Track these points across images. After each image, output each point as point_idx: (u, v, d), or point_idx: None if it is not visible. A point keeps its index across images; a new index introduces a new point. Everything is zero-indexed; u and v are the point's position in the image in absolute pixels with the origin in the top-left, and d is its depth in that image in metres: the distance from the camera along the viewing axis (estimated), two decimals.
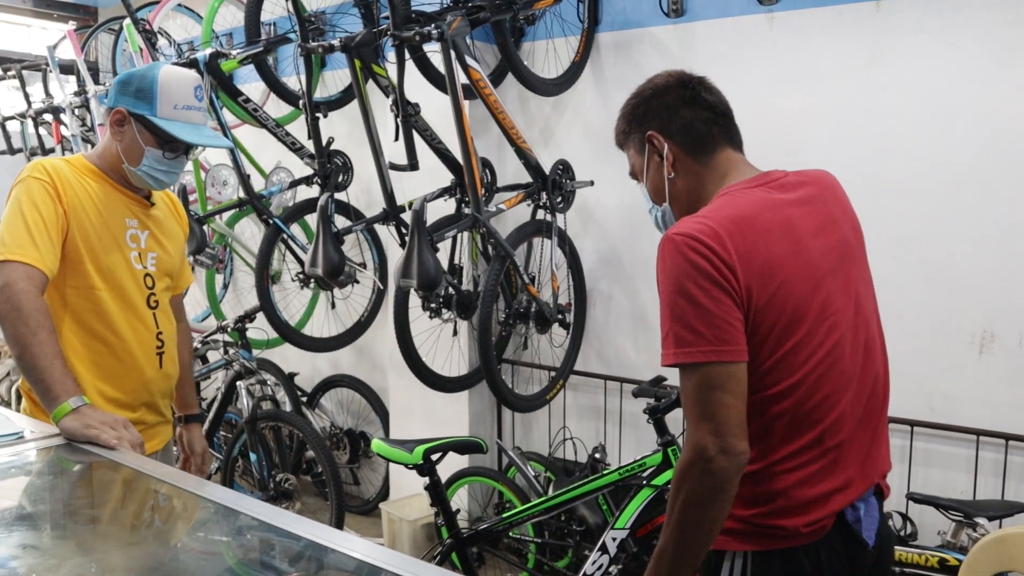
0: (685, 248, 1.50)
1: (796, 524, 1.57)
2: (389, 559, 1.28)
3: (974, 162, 3.02)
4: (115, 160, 2.22)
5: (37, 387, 1.95)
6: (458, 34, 3.16)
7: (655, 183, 1.75)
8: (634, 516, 2.73)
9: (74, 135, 4.92)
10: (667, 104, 1.73)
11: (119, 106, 2.17)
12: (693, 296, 1.48)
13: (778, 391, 1.55)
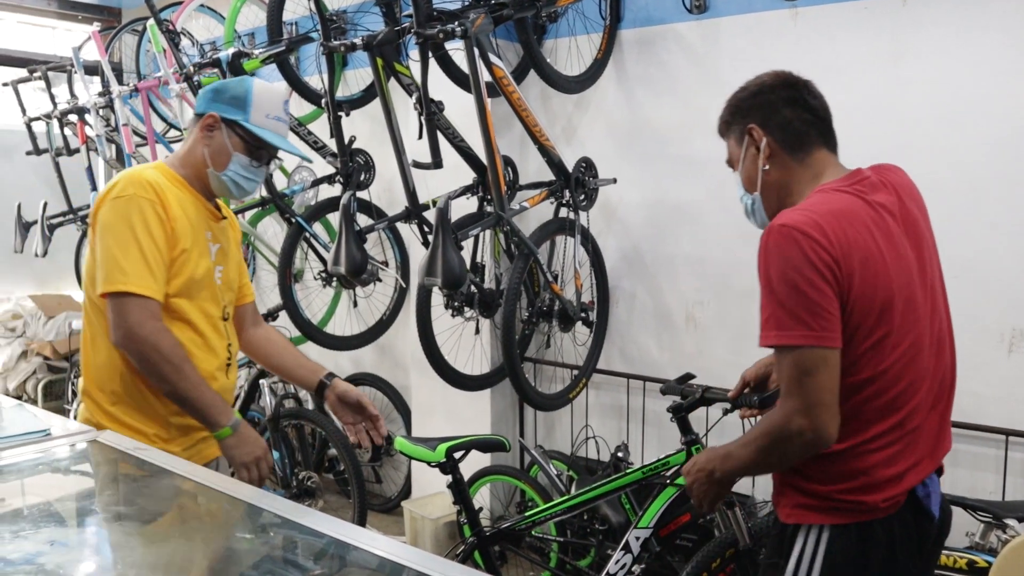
0: (791, 238, 1.63)
1: (876, 500, 1.70)
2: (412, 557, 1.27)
3: (1000, 158, 2.98)
4: (200, 166, 2.23)
5: (194, 415, 2.09)
6: (481, 31, 3.15)
7: (749, 173, 1.87)
8: (657, 515, 2.71)
9: (99, 135, 4.95)
10: (770, 101, 1.87)
11: (211, 111, 2.20)
12: (796, 284, 1.62)
13: (868, 376, 1.68)
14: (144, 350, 2.01)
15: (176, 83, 4.19)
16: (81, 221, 5.55)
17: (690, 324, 3.80)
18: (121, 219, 2.05)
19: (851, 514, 1.72)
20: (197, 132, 2.23)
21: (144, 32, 4.99)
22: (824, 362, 1.62)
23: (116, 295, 2.02)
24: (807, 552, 1.75)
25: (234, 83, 2.24)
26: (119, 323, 2.02)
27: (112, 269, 2.03)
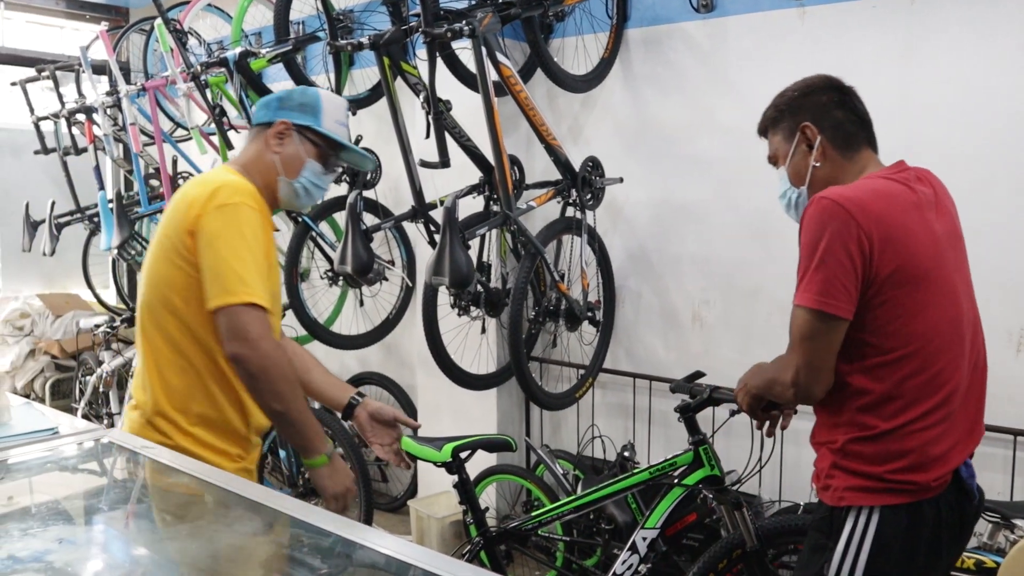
0: (829, 210, 1.75)
1: (927, 479, 1.77)
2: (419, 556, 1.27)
3: (1009, 158, 2.97)
4: (270, 174, 2.17)
5: (296, 439, 2.05)
6: (489, 31, 3.15)
7: (798, 168, 1.98)
8: (664, 515, 2.71)
9: (106, 135, 4.96)
10: (822, 102, 1.98)
11: (281, 119, 2.16)
12: (822, 252, 1.74)
13: (905, 353, 1.76)
14: (266, 366, 1.92)
15: (183, 82, 4.19)
16: (88, 220, 5.56)
17: (696, 323, 3.80)
18: (231, 228, 1.97)
19: (903, 495, 1.78)
20: (265, 140, 2.17)
21: (151, 31, 4.99)
22: (828, 329, 1.75)
23: (236, 307, 1.92)
24: (856, 533, 1.80)
25: (298, 92, 2.22)
26: (240, 336, 1.91)
27: (231, 279, 1.93)
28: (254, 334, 1.91)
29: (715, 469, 2.67)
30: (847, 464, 1.82)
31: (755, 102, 3.52)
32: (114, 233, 4.70)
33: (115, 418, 5.24)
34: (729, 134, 3.62)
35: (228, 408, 2.09)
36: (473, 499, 2.86)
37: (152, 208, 4.87)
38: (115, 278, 6.08)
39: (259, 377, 1.93)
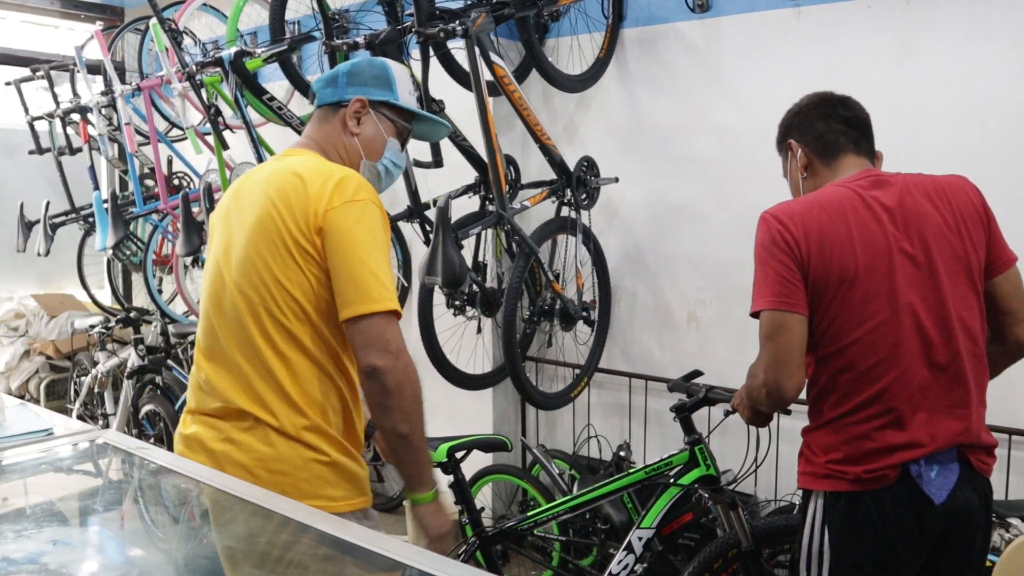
0: (765, 222, 1.97)
1: (857, 471, 1.88)
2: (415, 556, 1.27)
3: (1005, 156, 2.98)
4: (353, 158, 2.00)
5: (410, 468, 1.86)
6: (483, 30, 3.15)
7: (794, 181, 2.14)
8: (660, 515, 2.71)
9: (101, 134, 4.95)
10: (807, 117, 2.11)
11: (356, 95, 1.97)
12: (764, 259, 1.93)
13: (837, 349, 1.89)
14: (403, 381, 1.76)
15: (179, 82, 4.18)
16: (83, 220, 5.55)
17: (692, 323, 3.80)
18: (364, 227, 1.79)
19: (840, 482, 1.91)
20: (341, 121, 1.98)
21: (146, 31, 4.99)
22: (784, 323, 1.88)
23: (379, 315, 1.75)
24: (817, 515, 1.96)
25: (364, 63, 2.01)
26: (383, 347, 1.74)
27: (374, 285, 1.75)
28: (394, 346, 1.76)
29: (711, 469, 2.67)
30: (804, 451, 2.02)
31: (750, 102, 3.56)
32: (109, 233, 4.69)
33: (110, 419, 5.23)
34: (725, 134, 3.63)
35: (357, 421, 1.95)
36: (469, 499, 2.86)
37: (147, 208, 4.86)
38: (110, 278, 6.06)
39: (394, 393, 1.76)
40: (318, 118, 2.02)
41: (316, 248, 1.79)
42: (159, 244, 5.34)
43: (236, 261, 1.87)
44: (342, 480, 1.87)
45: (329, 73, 2.02)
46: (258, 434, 1.84)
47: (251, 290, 1.84)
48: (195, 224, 4.08)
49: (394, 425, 1.79)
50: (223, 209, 2.00)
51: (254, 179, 1.95)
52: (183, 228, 4.08)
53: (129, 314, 4.94)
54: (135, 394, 4.81)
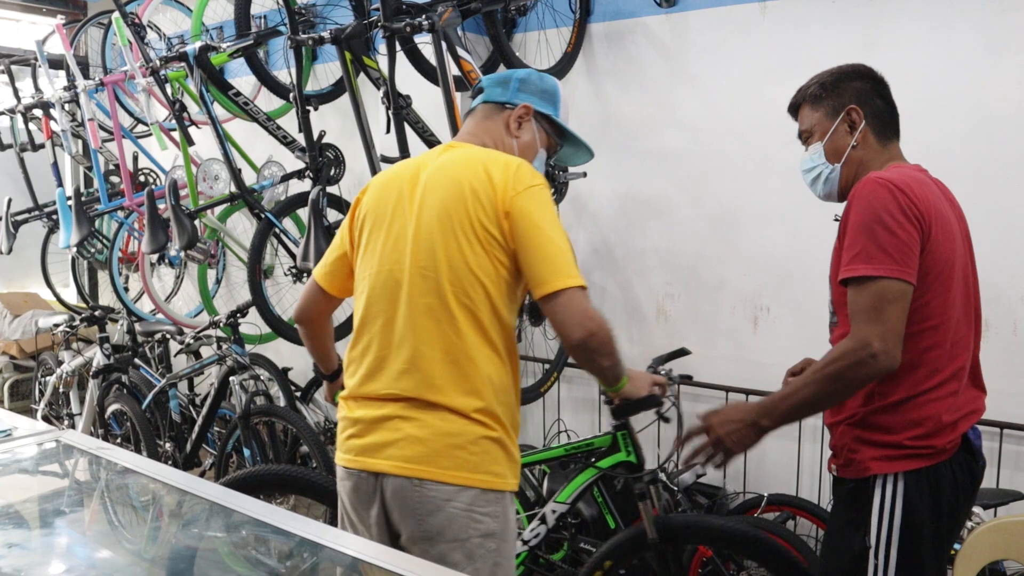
0: (887, 188, 1.86)
1: (943, 443, 1.91)
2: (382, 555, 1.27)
3: (968, 150, 3.02)
4: None
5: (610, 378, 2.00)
6: (449, 25, 3.14)
7: (836, 146, 2.08)
8: (576, 492, 2.81)
9: (64, 130, 4.88)
10: (867, 88, 2.10)
11: (524, 102, 2.10)
12: (888, 225, 1.83)
13: (932, 326, 1.89)
14: (607, 337, 1.88)
15: (143, 77, 4.13)
16: (47, 218, 5.47)
17: (660, 317, 3.82)
18: (548, 209, 1.91)
19: (922, 459, 1.90)
20: (505, 122, 2.10)
21: (109, 25, 4.92)
22: (903, 295, 1.83)
23: (575, 289, 1.84)
24: (887, 500, 1.92)
25: (536, 76, 2.15)
26: (584, 317, 1.83)
27: (565, 263, 1.86)
28: (591, 312, 1.86)
29: (631, 455, 2.71)
30: (869, 436, 1.94)
31: (717, 96, 3.58)
32: (73, 231, 4.62)
33: (76, 419, 5.16)
34: (691, 128, 3.64)
35: (516, 393, 2.02)
36: None
37: (112, 205, 4.80)
38: (75, 277, 5.98)
39: (604, 347, 1.89)
40: (481, 113, 2.13)
41: (503, 232, 1.89)
42: (125, 241, 5.28)
43: (418, 249, 1.93)
44: (506, 459, 1.95)
45: (502, 74, 2.14)
46: (437, 414, 1.90)
47: (436, 274, 1.91)
48: (161, 221, 4.04)
49: (602, 368, 1.94)
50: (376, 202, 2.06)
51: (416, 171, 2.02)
52: (149, 225, 4.03)
53: (94, 312, 4.88)
54: (101, 393, 4.75)
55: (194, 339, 4.42)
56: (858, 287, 1.84)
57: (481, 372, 1.90)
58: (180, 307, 5.43)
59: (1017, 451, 2.99)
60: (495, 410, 1.92)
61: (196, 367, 4.56)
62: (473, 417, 1.90)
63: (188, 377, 4.65)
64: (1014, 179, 2.94)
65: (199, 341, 4.47)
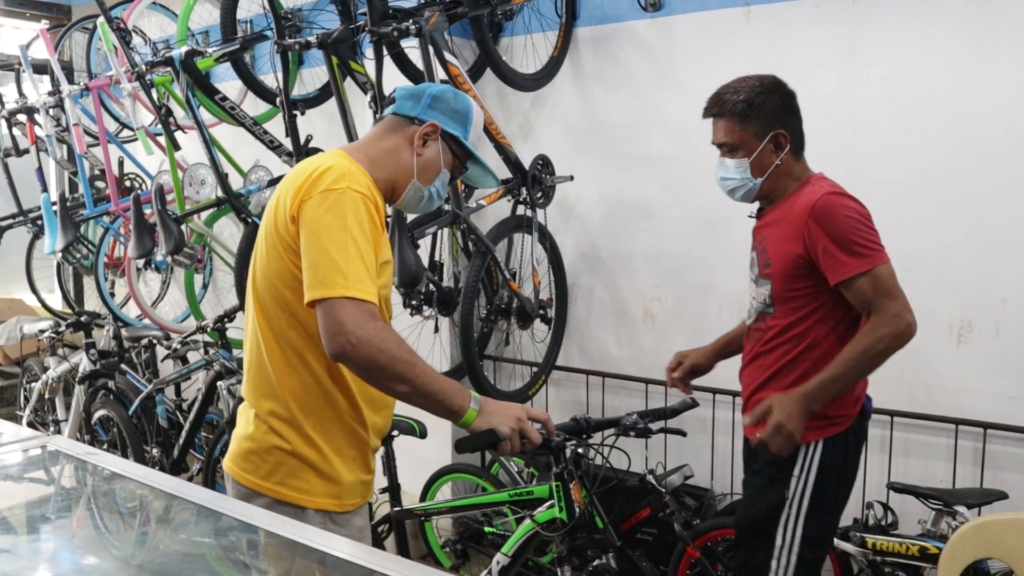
0: (850, 198, 2.23)
1: (854, 411, 2.31)
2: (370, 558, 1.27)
3: (950, 153, 3.04)
4: (402, 173, 2.01)
5: (437, 408, 1.85)
6: (436, 29, 3.15)
7: (762, 163, 2.31)
8: (516, 547, 2.60)
9: (49, 135, 4.86)
10: (791, 109, 2.34)
11: (433, 120, 2.02)
12: (867, 223, 2.20)
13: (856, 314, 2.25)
14: (371, 354, 1.73)
15: (128, 82, 4.12)
16: (32, 223, 5.44)
17: (648, 320, 3.83)
18: (335, 216, 1.79)
19: (838, 426, 2.28)
20: (407, 138, 2.02)
21: (95, 30, 4.90)
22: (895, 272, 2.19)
23: (332, 300, 1.74)
24: (807, 463, 2.27)
25: (450, 95, 2.07)
26: (336, 331, 1.73)
27: (330, 272, 1.75)
28: (350, 324, 1.72)
29: (562, 512, 2.41)
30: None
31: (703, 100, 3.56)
32: (58, 236, 4.61)
33: (61, 425, 5.14)
34: (677, 131, 3.66)
35: (347, 410, 1.94)
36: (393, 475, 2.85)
37: (98, 210, 4.78)
38: (60, 282, 5.95)
39: (370, 369, 1.76)
40: (387, 125, 2.06)
41: (292, 236, 1.84)
42: (111, 247, 5.26)
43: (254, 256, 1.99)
44: (316, 477, 1.90)
45: (416, 88, 2.08)
46: (246, 415, 1.98)
47: (256, 280, 1.96)
48: (147, 226, 4.03)
49: (393, 390, 1.82)
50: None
51: None
52: (135, 230, 4.02)
53: (80, 318, 4.86)
54: (87, 399, 4.73)
55: (181, 344, 4.41)
56: (867, 278, 2.14)
57: (284, 382, 1.89)
58: (167, 312, 5.41)
59: (1001, 451, 3.01)
60: (294, 418, 1.89)
61: (183, 372, 4.55)
62: (264, 420, 1.91)
63: (175, 382, 4.64)
64: (996, 181, 2.97)
65: (186, 346, 4.46)
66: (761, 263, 2.36)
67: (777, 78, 2.36)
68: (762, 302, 2.34)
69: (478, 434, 1.85)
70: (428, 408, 1.86)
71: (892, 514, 2.90)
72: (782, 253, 2.26)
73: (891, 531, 2.83)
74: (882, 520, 2.88)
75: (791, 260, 2.24)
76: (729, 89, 2.36)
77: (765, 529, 2.31)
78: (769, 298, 2.31)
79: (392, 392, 1.84)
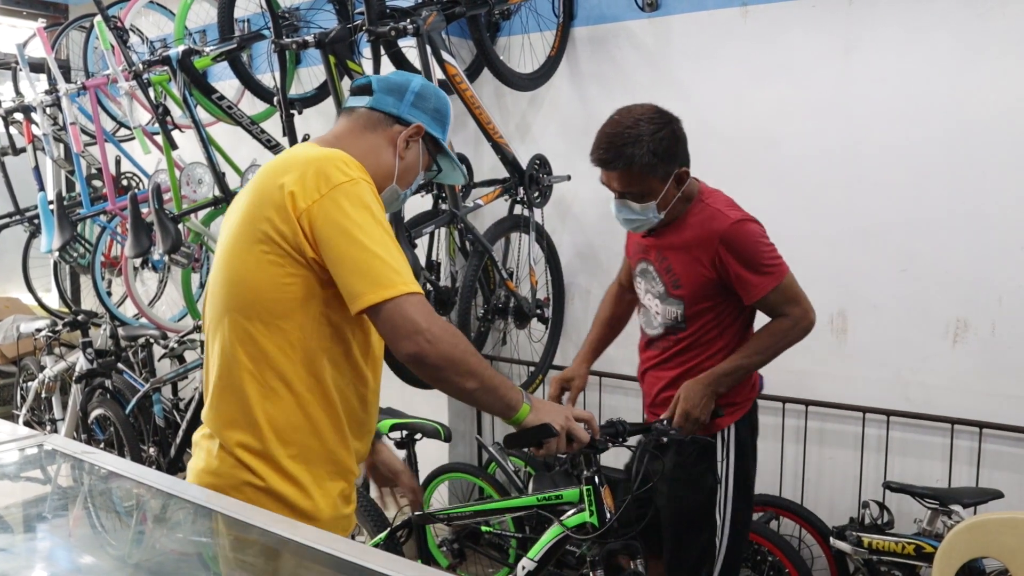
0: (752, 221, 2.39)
1: (756, 393, 2.60)
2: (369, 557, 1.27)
3: (946, 153, 3.05)
4: (381, 176, 1.84)
5: (497, 404, 1.76)
6: (433, 29, 3.15)
7: (666, 200, 2.39)
8: (543, 551, 2.51)
9: (46, 134, 4.85)
10: (683, 138, 2.39)
11: (418, 121, 1.86)
12: (767, 243, 2.38)
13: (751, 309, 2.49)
14: (447, 350, 1.64)
15: (125, 81, 4.12)
16: (28, 222, 5.43)
17: None
18: (361, 209, 1.64)
19: (746, 408, 2.53)
20: (390, 138, 1.85)
21: (92, 29, 4.90)
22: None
23: (396, 300, 1.61)
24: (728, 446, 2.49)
25: (433, 93, 1.90)
26: (412, 330, 1.61)
27: (383, 271, 1.61)
28: (424, 323, 1.62)
29: (593, 516, 2.35)
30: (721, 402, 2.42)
31: (699, 100, 3.60)
32: (55, 235, 4.60)
33: (59, 424, 5.13)
34: None
35: (332, 438, 1.77)
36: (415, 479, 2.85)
37: (94, 209, 4.78)
38: (57, 281, 5.94)
39: (444, 366, 1.65)
40: (365, 121, 1.86)
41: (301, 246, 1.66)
42: (108, 246, 5.24)
43: (219, 270, 1.78)
44: (285, 513, 1.65)
45: (397, 80, 1.89)
46: (207, 447, 1.78)
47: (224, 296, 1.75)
48: (144, 225, 4.02)
49: (460, 388, 1.71)
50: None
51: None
52: (132, 229, 4.02)
53: (77, 317, 4.85)
54: (84, 399, 4.73)
55: (178, 343, 4.41)
56: (776, 292, 2.37)
57: (261, 408, 1.71)
58: (163, 311, 5.40)
59: (996, 451, 3.02)
60: (267, 450, 1.71)
61: (180, 371, 4.55)
62: (232, 453, 1.72)
63: (172, 381, 4.63)
64: (991, 181, 2.98)
65: (183, 345, 4.46)
66: (668, 283, 2.47)
67: (661, 109, 2.37)
68: (672, 319, 2.49)
69: (532, 428, 1.81)
70: (487, 404, 1.77)
71: (888, 513, 2.90)
72: (693, 277, 2.41)
73: (887, 530, 2.84)
74: (878, 519, 2.89)
75: (703, 283, 2.41)
76: (627, 139, 2.29)
77: (705, 513, 2.51)
78: (681, 316, 2.47)
79: (459, 389, 1.71)
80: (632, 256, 2.67)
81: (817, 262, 3.36)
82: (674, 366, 2.52)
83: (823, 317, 3.36)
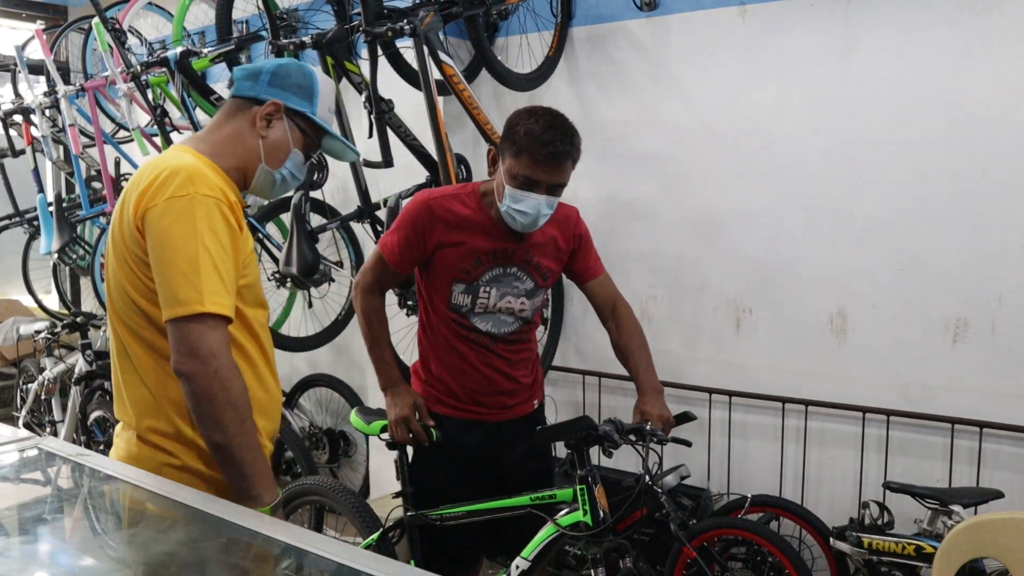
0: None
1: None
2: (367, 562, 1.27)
3: (945, 152, 3.05)
4: (249, 159, 1.90)
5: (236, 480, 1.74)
6: (431, 29, 3.15)
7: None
8: (537, 550, 2.51)
9: (45, 136, 4.86)
10: None
11: (274, 98, 1.89)
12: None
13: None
14: (212, 388, 1.66)
15: (124, 82, 4.12)
16: (28, 224, 5.44)
17: (644, 319, 3.83)
18: (183, 224, 1.69)
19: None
20: (250, 120, 1.90)
21: (90, 31, 4.90)
22: None
23: (186, 319, 1.66)
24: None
25: (294, 68, 1.93)
26: (189, 349, 1.66)
27: (182, 287, 1.67)
28: (206, 348, 1.66)
29: (587, 516, 2.37)
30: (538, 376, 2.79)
31: (698, 99, 3.60)
32: (54, 237, 4.60)
33: (58, 426, 5.13)
34: (673, 131, 3.66)
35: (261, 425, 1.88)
36: (404, 479, 2.83)
37: (94, 211, 4.78)
38: (56, 283, 5.95)
39: (202, 400, 1.68)
40: (229, 108, 1.94)
41: (140, 246, 1.75)
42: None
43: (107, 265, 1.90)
44: (207, 488, 1.76)
45: (254, 66, 1.94)
46: (124, 436, 1.89)
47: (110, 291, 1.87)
48: None
49: (208, 433, 1.71)
50: None
51: None
52: None
53: (77, 319, 4.85)
54: (83, 400, 4.73)
55: None
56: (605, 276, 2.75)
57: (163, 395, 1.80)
58: None
59: (997, 450, 3.02)
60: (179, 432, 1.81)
61: None
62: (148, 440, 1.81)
63: None
64: (989, 180, 2.97)
65: None
66: (538, 279, 2.55)
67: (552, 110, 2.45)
68: (532, 310, 2.59)
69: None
70: (230, 473, 1.75)
71: (888, 513, 2.90)
72: (554, 268, 2.60)
73: (887, 530, 2.83)
74: (878, 519, 2.88)
75: (557, 272, 2.64)
76: (571, 130, 2.37)
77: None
78: (541, 304, 2.63)
79: (207, 436, 1.72)
80: (471, 269, 2.48)
81: (816, 262, 3.36)
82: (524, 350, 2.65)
83: (823, 317, 3.37)
